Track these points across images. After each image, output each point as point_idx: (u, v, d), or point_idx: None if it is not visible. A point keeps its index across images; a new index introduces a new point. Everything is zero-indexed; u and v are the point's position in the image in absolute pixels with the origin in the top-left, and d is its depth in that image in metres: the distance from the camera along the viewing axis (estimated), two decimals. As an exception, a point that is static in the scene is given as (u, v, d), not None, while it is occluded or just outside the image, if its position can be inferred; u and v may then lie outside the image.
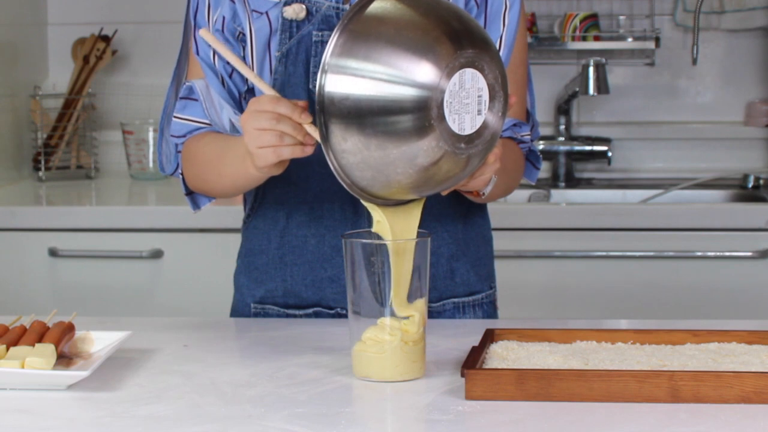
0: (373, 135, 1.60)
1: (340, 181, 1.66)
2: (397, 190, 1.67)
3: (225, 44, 1.93)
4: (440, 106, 1.60)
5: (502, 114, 1.66)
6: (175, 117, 2.02)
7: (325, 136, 1.63)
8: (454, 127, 1.61)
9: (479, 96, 1.63)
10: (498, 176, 1.85)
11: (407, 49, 1.60)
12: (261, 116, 1.72)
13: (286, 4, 1.98)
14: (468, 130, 1.63)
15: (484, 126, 1.64)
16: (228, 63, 1.98)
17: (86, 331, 1.81)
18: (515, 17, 2.00)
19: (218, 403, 1.60)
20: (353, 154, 1.62)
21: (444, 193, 1.74)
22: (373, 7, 1.63)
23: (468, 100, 1.62)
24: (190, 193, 2.07)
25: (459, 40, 1.62)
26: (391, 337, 1.66)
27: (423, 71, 1.59)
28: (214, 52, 1.99)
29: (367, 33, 1.61)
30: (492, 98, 1.64)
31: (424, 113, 1.59)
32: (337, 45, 1.61)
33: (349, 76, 1.60)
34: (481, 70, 1.63)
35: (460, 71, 1.61)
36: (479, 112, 1.63)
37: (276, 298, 2.07)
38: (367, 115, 1.60)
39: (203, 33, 1.82)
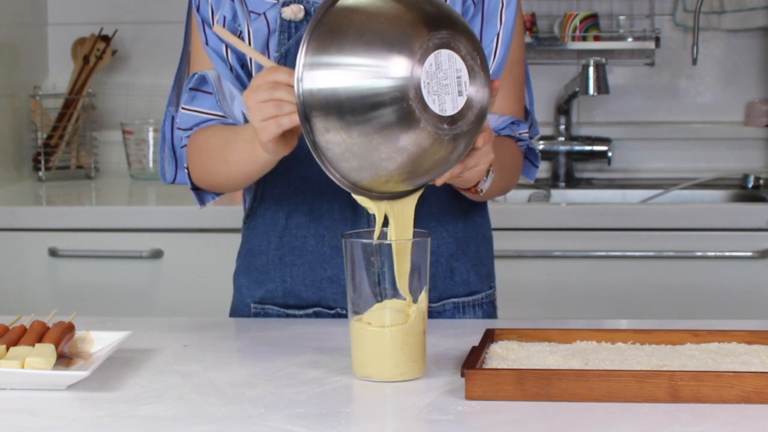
0: (354, 123, 1.60)
1: (330, 175, 1.66)
2: (386, 179, 1.66)
3: (234, 35, 1.93)
4: (418, 88, 1.59)
5: (484, 95, 1.65)
6: (182, 108, 2.01)
7: (309, 130, 1.63)
8: (435, 108, 1.61)
9: (458, 77, 1.62)
10: (495, 173, 1.85)
11: (380, 35, 1.60)
12: (260, 89, 1.71)
13: (284, 4, 1.98)
14: (450, 110, 1.62)
15: (467, 106, 1.63)
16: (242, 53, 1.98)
17: (86, 331, 1.81)
18: (512, 15, 2.00)
19: (218, 403, 1.60)
20: (337, 144, 1.62)
21: (438, 183, 1.72)
22: None
23: (447, 81, 1.61)
24: (195, 188, 2.07)
25: (432, 22, 1.61)
26: (392, 326, 1.66)
27: (397, 54, 1.59)
28: (227, 45, 1.99)
29: (339, 24, 1.62)
30: (472, 78, 1.63)
31: (402, 95, 1.59)
32: (312, 39, 1.62)
33: (325, 69, 1.61)
34: (458, 51, 1.62)
35: (435, 52, 1.60)
36: (460, 93, 1.62)
37: (276, 299, 2.07)
38: (346, 104, 1.60)
39: (216, 29, 1.83)
